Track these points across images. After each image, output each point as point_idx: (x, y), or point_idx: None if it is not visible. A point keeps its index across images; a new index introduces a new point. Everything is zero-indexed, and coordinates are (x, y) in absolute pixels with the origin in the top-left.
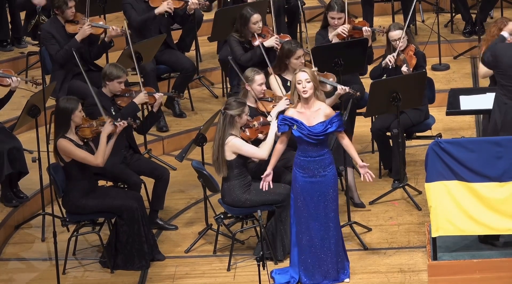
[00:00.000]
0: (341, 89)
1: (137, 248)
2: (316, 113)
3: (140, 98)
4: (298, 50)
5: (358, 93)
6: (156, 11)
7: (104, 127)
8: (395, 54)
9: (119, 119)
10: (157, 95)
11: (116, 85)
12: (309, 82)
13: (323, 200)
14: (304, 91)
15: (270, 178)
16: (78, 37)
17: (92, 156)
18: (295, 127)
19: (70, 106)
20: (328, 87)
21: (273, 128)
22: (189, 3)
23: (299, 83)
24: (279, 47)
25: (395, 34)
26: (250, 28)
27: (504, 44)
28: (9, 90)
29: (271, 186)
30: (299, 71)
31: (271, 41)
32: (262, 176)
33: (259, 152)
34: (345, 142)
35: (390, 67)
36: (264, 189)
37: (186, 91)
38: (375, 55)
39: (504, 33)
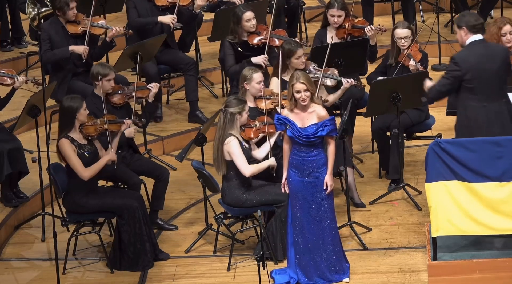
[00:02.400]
0: (347, 82)
1: (140, 247)
2: (310, 115)
3: (129, 131)
4: (299, 50)
5: (362, 84)
6: (160, 19)
7: (106, 155)
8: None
9: (126, 118)
10: (150, 86)
11: (105, 84)
12: (307, 91)
13: (317, 201)
14: (303, 100)
15: None
16: (72, 48)
17: (82, 167)
18: (288, 127)
19: (75, 105)
20: (331, 82)
21: (266, 163)
22: (196, 0)
23: (297, 93)
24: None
25: (402, 32)
26: (243, 26)
27: (462, 52)
28: (12, 88)
29: None
30: (297, 82)
31: (259, 59)
32: (281, 183)
33: (244, 168)
34: (330, 148)
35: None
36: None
37: (184, 91)
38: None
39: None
